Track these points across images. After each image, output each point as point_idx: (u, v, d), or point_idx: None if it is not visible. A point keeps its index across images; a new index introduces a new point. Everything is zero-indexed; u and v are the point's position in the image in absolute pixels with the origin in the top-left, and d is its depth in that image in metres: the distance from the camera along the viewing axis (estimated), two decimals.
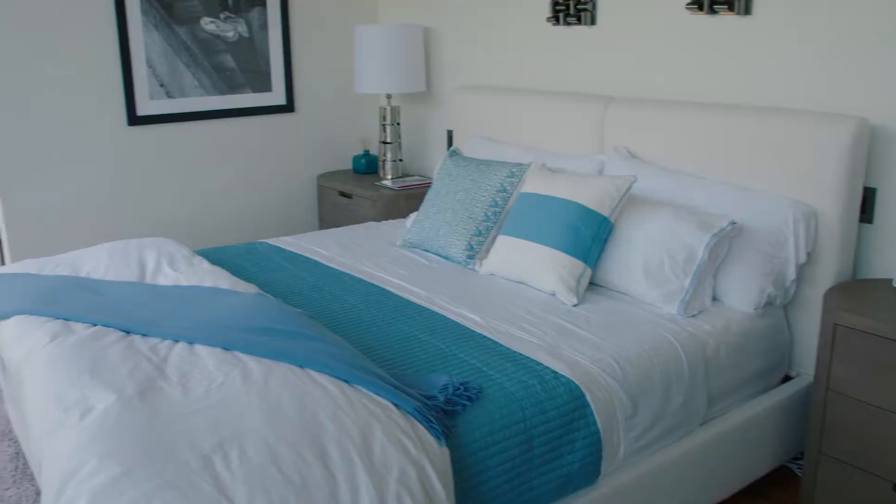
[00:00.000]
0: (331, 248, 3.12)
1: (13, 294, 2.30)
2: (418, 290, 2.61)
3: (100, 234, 3.73)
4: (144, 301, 2.19)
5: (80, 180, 3.68)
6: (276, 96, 4.16)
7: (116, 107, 3.72)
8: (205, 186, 4.00)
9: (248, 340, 1.88)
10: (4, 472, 2.75)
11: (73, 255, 2.69)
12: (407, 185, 3.92)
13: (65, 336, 1.96)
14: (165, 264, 2.57)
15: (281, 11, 4.09)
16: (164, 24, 3.79)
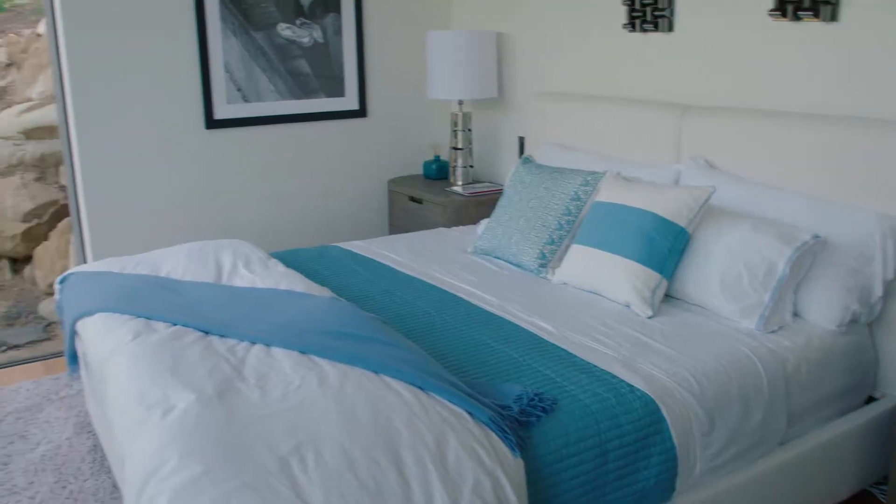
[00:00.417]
0: (402, 253, 3.13)
1: (97, 292, 2.37)
2: (490, 298, 2.60)
3: (177, 234, 3.82)
4: (222, 302, 2.23)
5: (159, 182, 3.77)
6: (350, 101, 4.20)
7: (195, 111, 3.80)
8: (278, 189, 4.06)
9: (323, 344, 1.90)
10: (83, 464, 2.83)
11: (153, 255, 2.75)
12: (477, 191, 3.91)
13: (147, 335, 2.00)
14: (241, 266, 2.61)
15: (355, 17, 4.13)
16: (242, 30, 3.86)
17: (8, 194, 5.24)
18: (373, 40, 4.22)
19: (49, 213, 5.20)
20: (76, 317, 2.33)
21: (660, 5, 3.18)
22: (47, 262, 5.03)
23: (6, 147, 5.37)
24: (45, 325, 4.63)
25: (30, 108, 5.57)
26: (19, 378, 3.65)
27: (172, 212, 3.82)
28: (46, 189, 5.27)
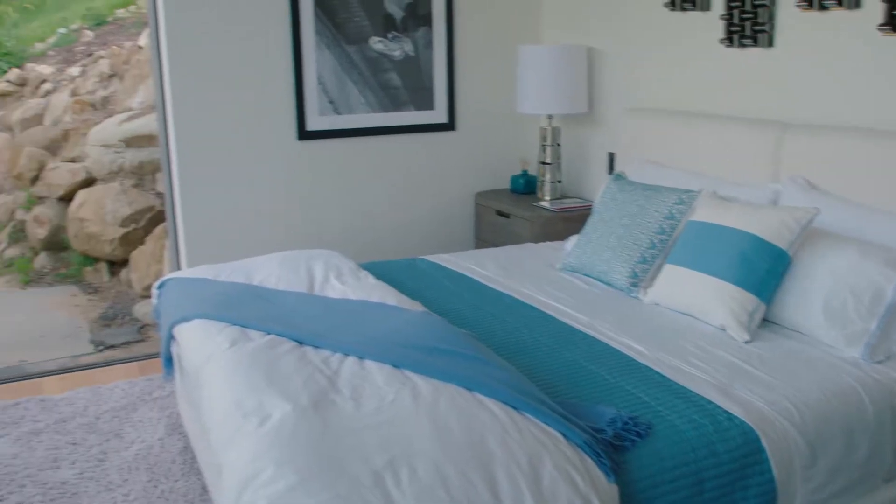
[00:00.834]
0: (490, 267, 3.12)
1: (193, 298, 2.43)
2: (580, 316, 2.57)
3: (267, 242, 3.90)
4: (315, 313, 2.26)
5: (252, 191, 3.86)
6: (439, 114, 4.22)
7: (288, 122, 3.88)
8: (366, 200, 4.11)
9: (416, 359, 1.90)
10: (174, 464, 2.90)
11: (246, 263, 2.81)
12: (565, 206, 3.88)
13: (243, 343, 2.04)
14: (333, 277, 2.64)
15: (446, 31, 4.15)
16: (336, 43, 3.92)
17: (108, 200, 5.46)
18: (463, 54, 4.23)
19: (146, 219, 5.39)
20: (174, 322, 2.39)
21: (760, 19, 3.10)
22: (143, 265, 5.20)
23: (107, 154, 5.60)
24: (139, 326, 4.79)
25: (130, 118, 5.80)
26: (116, 377, 3.77)
27: (263, 220, 3.90)
28: (144, 195, 5.47)
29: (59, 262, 6.30)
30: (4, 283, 6.24)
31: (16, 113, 9.27)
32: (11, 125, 9.35)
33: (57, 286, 5.97)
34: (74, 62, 11.51)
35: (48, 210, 6.36)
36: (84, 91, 8.42)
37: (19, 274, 6.33)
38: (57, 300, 5.63)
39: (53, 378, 3.84)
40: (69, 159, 6.44)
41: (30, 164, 7.13)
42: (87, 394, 3.55)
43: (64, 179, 6.15)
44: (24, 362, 4.36)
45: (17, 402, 3.50)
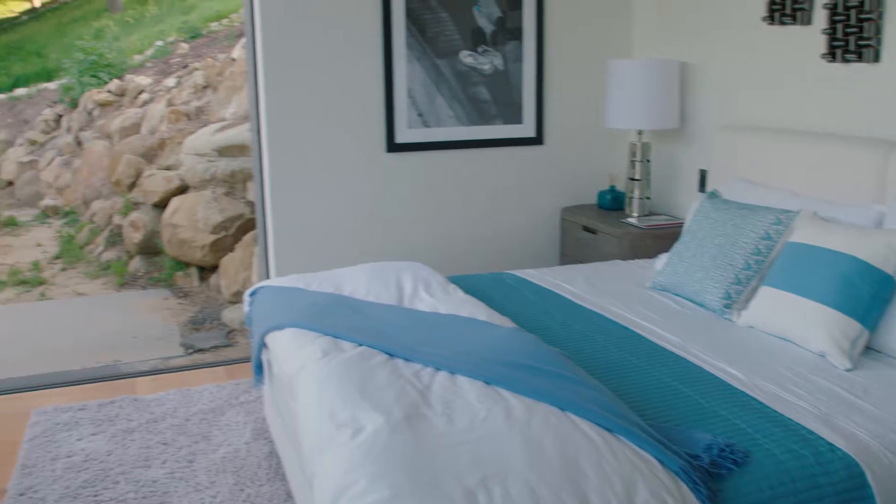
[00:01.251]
0: (578, 284, 3.08)
1: (285, 307, 2.47)
2: (671, 337, 2.51)
3: (355, 253, 3.95)
4: (406, 325, 2.27)
5: (340, 201, 3.92)
6: (527, 128, 4.21)
7: (378, 134, 3.93)
8: (452, 213, 4.13)
9: (508, 376, 1.89)
10: (259, 469, 2.95)
11: (336, 273, 2.85)
12: (654, 224, 3.81)
13: (335, 353, 2.06)
14: (422, 290, 2.65)
15: (536, 45, 4.14)
16: (426, 57, 3.96)
17: (200, 207, 5.62)
18: (552, 68, 4.21)
19: (235, 226, 5.52)
20: (266, 330, 2.44)
21: (865, 34, 2.98)
22: (232, 271, 5.33)
23: (201, 163, 5.77)
24: (227, 331, 4.90)
25: (223, 128, 5.97)
26: (204, 381, 3.87)
27: (350, 231, 3.96)
28: (234, 203, 5.61)
29: (152, 266, 6.52)
30: (101, 284, 6.49)
31: (115, 122, 9.67)
32: (111, 133, 9.74)
33: (150, 289, 6.18)
34: (170, 73, 11.93)
35: (143, 216, 6.59)
36: (179, 101, 8.72)
37: (115, 276, 6.58)
38: (150, 303, 5.82)
39: (146, 379, 3.97)
40: (164, 167, 6.67)
41: (127, 171, 7.42)
42: (177, 395, 3.65)
43: (159, 186, 6.37)
44: (118, 362, 4.52)
45: (112, 400, 3.63)
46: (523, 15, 4.11)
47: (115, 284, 6.43)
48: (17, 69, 19.97)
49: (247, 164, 5.60)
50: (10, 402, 3.72)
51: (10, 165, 12.25)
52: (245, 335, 4.79)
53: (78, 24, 22.42)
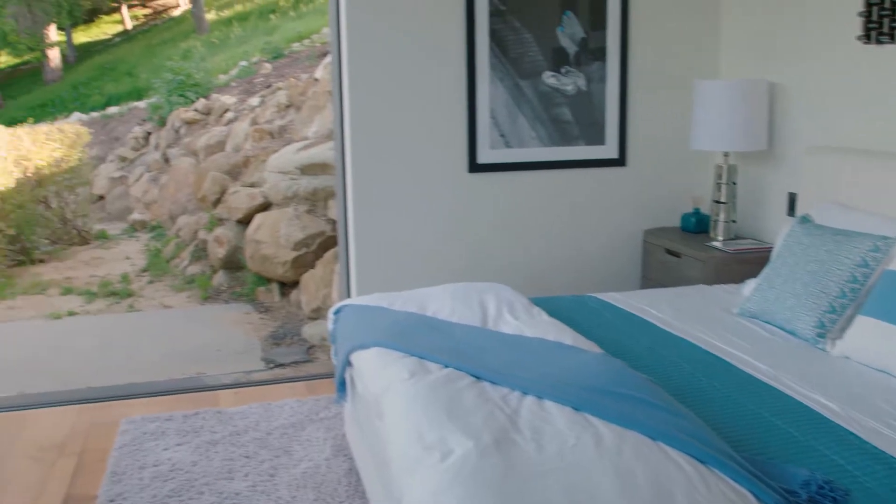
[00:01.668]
0: (663, 308, 3.02)
1: (370, 326, 2.49)
2: (761, 366, 2.44)
3: (435, 272, 3.96)
4: (491, 348, 2.26)
5: (422, 221, 3.94)
6: (609, 149, 4.17)
7: (460, 154, 3.95)
8: (532, 234, 4.11)
9: (598, 403, 1.86)
10: (339, 485, 2.97)
11: (419, 293, 2.86)
12: (741, 248, 3.71)
13: (422, 375, 2.07)
14: (506, 311, 2.64)
15: (620, 65, 4.11)
16: (509, 77, 3.97)
17: (283, 224, 5.73)
18: (636, 88, 4.17)
19: (316, 243, 5.61)
20: (351, 348, 2.46)
21: None
22: (312, 288, 5.42)
23: (284, 181, 5.89)
24: (307, 347, 4.98)
25: (306, 147, 6.09)
26: (285, 395, 3.93)
27: (431, 250, 3.98)
28: (316, 221, 5.71)
29: (235, 280, 6.68)
30: (186, 297, 6.68)
31: (201, 139, 9.98)
32: (197, 151, 10.06)
33: (232, 303, 6.33)
34: (254, 93, 12.26)
35: (228, 231, 6.76)
36: (263, 120, 8.95)
37: (199, 290, 6.76)
38: (232, 317, 5.95)
39: (228, 391, 4.05)
40: (248, 184, 6.84)
41: (213, 188, 7.63)
42: (258, 409, 3.72)
43: (243, 203, 6.53)
44: (202, 374, 4.63)
45: (196, 412, 3.72)
46: (607, 35, 4.09)
47: (199, 298, 6.60)
48: (109, 88, 20.82)
49: (328, 182, 5.70)
50: (102, 411, 3.85)
51: (102, 181, 12.76)
52: (325, 351, 4.85)
53: (167, 45, 23.27)
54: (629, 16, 4.10)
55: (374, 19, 3.75)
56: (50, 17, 22.18)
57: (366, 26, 3.74)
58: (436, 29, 3.84)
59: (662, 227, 4.26)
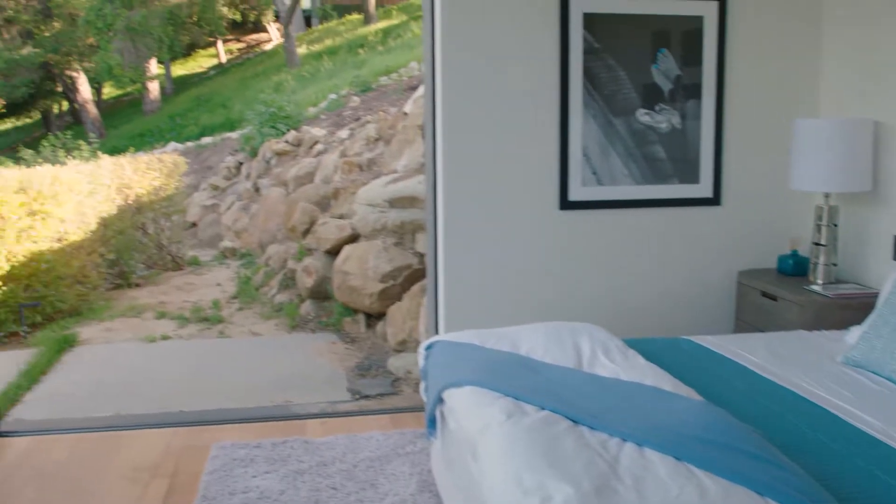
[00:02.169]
0: (760, 354, 2.93)
1: (463, 364, 2.49)
2: (871, 419, 2.33)
3: (524, 309, 3.94)
4: (588, 391, 2.23)
5: (511, 257, 3.94)
6: (703, 188, 4.09)
7: (551, 191, 3.94)
8: (623, 273, 4.05)
9: (700, 453, 1.81)
10: None
11: (511, 331, 2.85)
12: (843, 293, 3.58)
13: (518, 416, 2.05)
14: (601, 353, 2.60)
15: (716, 103, 4.04)
16: (602, 115, 3.95)
17: (371, 256, 5.81)
18: (732, 126, 4.09)
19: (403, 276, 5.66)
20: (445, 385, 2.46)
21: None
22: (399, 320, 5.46)
23: (373, 213, 5.98)
24: (392, 379, 5.00)
25: (395, 180, 6.17)
26: (370, 427, 3.95)
27: (520, 287, 3.96)
28: (403, 253, 5.76)
29: (321, 310, 6.79)
30: (274, 325, 6.82)
31: (291, 170, 10.23)
32: (286, 181, 10.31)
33: (319, 333, 6.43)
34: (343, 125, 12.53)
35: (316, 261, 6.89)
36: (352, 153, 9.12)
37: (287, 318, 6.89)
38: (318, 346, 6.04)
39: (315, 421, 4.10)
40: (338, 216, 6.96)
41: (302, 218, 7.81)
42: (345, 440, 3.74)
43: (332, 234, 6.65)
44: (289, 402, 4.71)
45: (284, 440, 3.77)
46: (703, 72, 4.04)
47: (286, 326, 6.73)
48: (204, 119, 21.62)
49: (416, 216, 5.76)
50: (193, 434, 3.95)
51: (195, 208, 13.20)
52: (409, 384, 4.87)
53: (259, 78, 24.05)
54: (726, 52, 4.04)
55: (468, 56, 3.79)
56: (152, 51, 23.24)
57: (460, 62, 3.79)
58: (530, 66, 3.85)
59: (758, 269, 4.15)
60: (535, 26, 3.84)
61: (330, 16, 29.30)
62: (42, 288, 7.34)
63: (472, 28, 3.78)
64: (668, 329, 4.07)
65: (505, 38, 3.82)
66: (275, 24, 32.66)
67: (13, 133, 30.85)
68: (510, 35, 3.82)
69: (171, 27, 24.68)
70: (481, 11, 3.78)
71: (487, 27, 3.79)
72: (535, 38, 3.84)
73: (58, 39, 24.63)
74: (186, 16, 26.59)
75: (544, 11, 3.83)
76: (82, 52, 25.10)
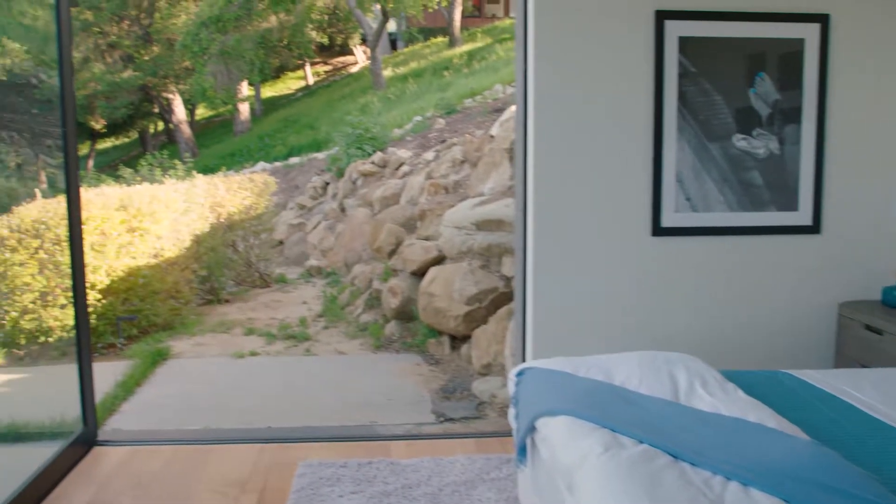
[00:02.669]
0: (866, 391, 2.79)
1: (557, 392, 2.45)
2: None
3: (613, 337, 3.87)
4: (687, 425, 2.17)
5: (601, 283, 3.88)
6: (803, 216, 3.96)
7: (643, 217, 3.87)
8: (715, 302, 3.94)
9: (811, 497, 1.73)
10: None
11: (603, 359, 2.80)
12: None
13: (616, 449, 2.01)
14: (698, 385, 2.53)
15: (817, 128, 3.91)
16: (697, 140, 3.87)
17: (457, 278, 5.81)
18: (834, 152, 3.95)
19: (489, 299, 5.64)
20: (538, 414, 2.43)
21: None
22: (484, 344, 5.44)
23: (459, 235, 6.00)
24: (476, 403, 4.98)
25: (482, 203, 6.17)
26: (455, 451, 3.93)
27: (609, 313, 3.89)
28: (489, 276, 5.75)
29: (406, 331, 6.82)
30: (358, 345, 6.89)
31: (377, 191, 10.37)
32: (372, 202, 10.46)
33: (403, 353, 6.46)
34: (429, 147, 12.65)
35: (401, 282, 6.94)
36: (438, 174, 9.19)
37: (372, 338, 6.95)
38: (402, 367, 6.07)
39: (400, 443, 4.10)
40: (423, 237, 7.01)
41: (388, 239, 7.89)
42: (430, 463, 3.74)
43: (418, 255, 6.69)
44: (374, 423, 4.73)
45: (369, 461, 3.79)
46: (803, 95, 3.92)
47: (371, 346, 6.79)
48: (292, 140, 22.16)
49: (503, 239, 5.75)
50: (281, 452, 4.00)
51: (282, 227, 13.51)
52: (494, 408, 4.84)
53: (346, 100, 24.54)
54: (828, 75, 3.91)
55: (560, 78, 3.77)
56: (243, 74, 24.01)
57: (552, 85, 3.77)
58: (623, 90, 3.81)
59: (860, 301, 3.98)
60: (629, 49, 3.80)
61: (415, 39, 29.74)
62: (138, 302, 7.61)
63: (564, 51, 3.76)
64: (764, 362, 3.93)
65: (598, 61, 3.79)
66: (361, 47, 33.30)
67: (112, 152, 32.28)
68: (603, 58, 3.79)
69: (263, 50, 25.46)
70: (574, 34, 3.76)
71: (580, 50, 3.77)
72: (629, 61, 3.80)
73: (156, 63, 25.73)
74: (277, 39, 27.40)
75: (639, 35, 3.79)
76: (178, 75, 26.15)
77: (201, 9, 23.00)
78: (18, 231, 6.80)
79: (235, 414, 5.15)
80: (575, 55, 3.77)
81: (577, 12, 3.75)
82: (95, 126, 27.02)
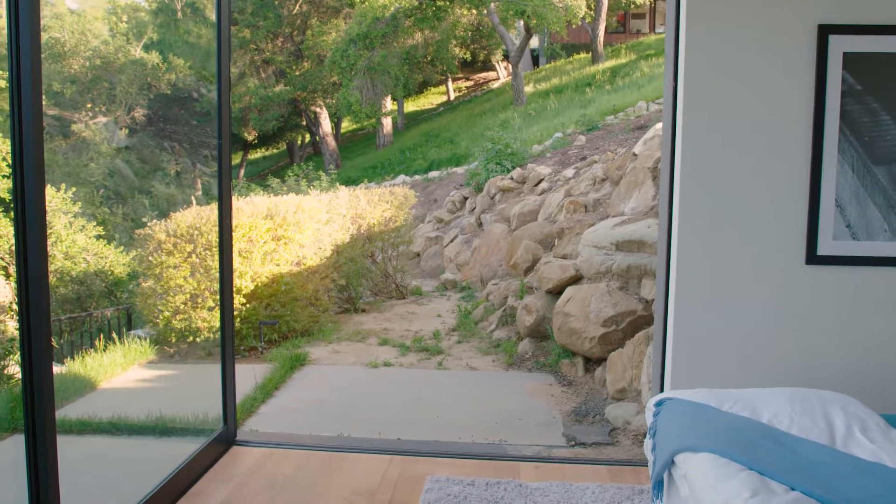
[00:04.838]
0: None
1: (699, 427, 2.32)
2: None
3: (762, 371, 3.66)
4: (845, 474, 1.99)
5: (748, 311, 3.67)
6: None
7: (797, 244, 3.64)
8: (877, 339, 3.65)
9: None
10: None
11: (750, 393, 2.63)
12: None
13: (765, 495, 1.87)
14: (857, 430, 2.33)
15: None
16: (861, 163, 3.61)
17: (594, 299, 5.68)
18: None
19: (626, 322, 5.47)
20: (679, 448, 2.31)
21: None
22: (619, 368, 5.28)
23: (598, 255, 5.86)
24: (609, 429, 4.83)
25: (623, 222, 6.01)
26: (586, 477, 3.83)
27: (758, 345, 3.68)
28: (627, 298, 5.58)
29: (539, 350, 6.73)
30: (491, 361, 6.85)
31: (514, 207, 10.34)
32: (509, 218, 10.43)
33: (535, 372, 6.37)
34: (568, 164, 12.52)
35: (537, 300, 6.86)
36: (577, 192, 9.06)
37: (504, 355, 6.90)
38: (533, 386, 5.98)
39: (529, 464, 4.03)
40: (561, 255, 6.90)
41: (525, 256, 7.83)
42: (559, 489, 3.65)
43: (554, 274, 6.59)
44: (504, 442, 4.67)
45: (497, 481, 3.74)
46: None
47: (503, 363, 6.74)
48: (432, 154, 22.53)
49: (643, 261, 5.57)
50: (409, 465, 4.02)
51: (419, 239, 13.71)
52: (627, 436, 4.68)
53: (486, 115, 24.73)
54: None
55: (711, 96, 3.61)
56: (388, 89, 24.67)
57: (702, 102, 3.62)
58: (779, 108, 3.60)
59: None
60: (787, 66, 3.59)
61: (558, 55, 29.63)
62: (280, 308, 7.89)
63: (716, 68, 3.60)
64: None
65: (752, 77, 3.60)
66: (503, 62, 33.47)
67: (262, 162, 33.89)
68: (758, 75, 3.60)
69: (407, 66, 26.10)
70: (727, 50, 3.59)
71: (733, 67, 3.60)
72: (787, 78, 3.59)
73: (306, 78, 26.88)
74: (421, 56, 28.00)
75: (799, 50, 3.58)
76: (326, 90, 27.19)
77: (350, 26, 23.85)
78: (174, 235, 7.21)
79: (367, 423, 5.22)
80: (728, 72, 3.60)
81: (732, 29, 3.58)
82: (248, 137, 28.54)
